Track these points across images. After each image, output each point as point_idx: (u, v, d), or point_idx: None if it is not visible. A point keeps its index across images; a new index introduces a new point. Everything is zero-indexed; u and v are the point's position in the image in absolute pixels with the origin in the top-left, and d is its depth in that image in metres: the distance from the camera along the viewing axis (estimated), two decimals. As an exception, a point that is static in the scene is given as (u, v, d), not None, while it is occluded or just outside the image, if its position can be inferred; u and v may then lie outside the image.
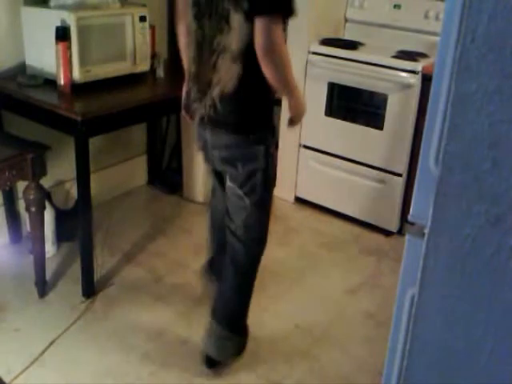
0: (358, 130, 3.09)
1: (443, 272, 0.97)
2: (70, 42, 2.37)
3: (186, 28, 1.94)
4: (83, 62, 2.44)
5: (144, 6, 2.74)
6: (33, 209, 2.32)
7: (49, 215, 2.60)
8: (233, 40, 1.76)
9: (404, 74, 2.86)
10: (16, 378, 2.03)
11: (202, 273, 2.42)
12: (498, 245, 0.90)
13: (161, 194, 3.49)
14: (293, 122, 2.01)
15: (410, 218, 1.07)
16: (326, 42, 3.16)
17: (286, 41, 2.06)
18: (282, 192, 3.41)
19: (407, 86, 2.85)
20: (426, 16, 3.12)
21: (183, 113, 2.12)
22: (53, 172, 2.65)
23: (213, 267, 2.33)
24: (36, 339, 2.21)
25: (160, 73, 2.82)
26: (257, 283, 2.12)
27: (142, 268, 2.72)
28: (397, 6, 3.22)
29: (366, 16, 3.32)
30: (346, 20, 3.42)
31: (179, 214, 3.28)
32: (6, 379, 2.01)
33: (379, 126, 3.00)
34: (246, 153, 1.91)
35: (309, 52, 3.14)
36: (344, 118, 3.13)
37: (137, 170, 3.51)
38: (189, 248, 2.92)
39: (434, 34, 3.00)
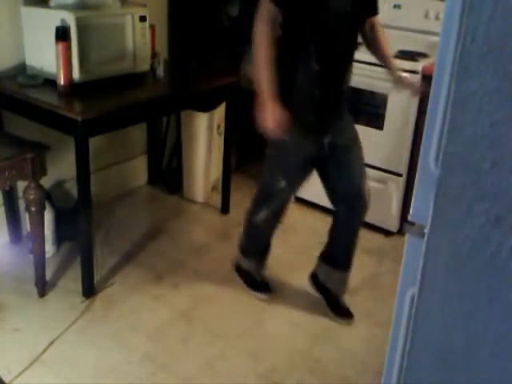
0: (358, 130, 3.07)
1: (443, 272, 0.97)
2: (70, 42, 2.37)
3: None
4: (83, 61, 2.44)
5: (144, 6, 2.74)
6: (33, 209, 2.32)
7: (49, 215, 2.60)
8: None
9: (404, 74, 2.85)
10: (16, 378, 2.03)
11: None
12: (498, 245, 0.90)
13: (161, 193, 3.49)
14: None
15: (410, 218, 1.07)
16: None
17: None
18: (282, 192, 3.40)
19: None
20: (426, 16, 3.12)
21: None
22: (53, 172, 2.65)
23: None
24: (36, 339, 2.21)
25: (160, 73, 2.82)
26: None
27: (142, 268, 2.72)
28: (397, 6, 3.22)
29: (366, 16, 3.31)
30: (346, 20, 3.42)
31: (179, 213, 3.28)
32: (5, 379, 2.01)
33: (379, 125, 3.00)
34: None
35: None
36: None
37: (137, 170, 3.51)
38: (189, 248, 2.92)
39: (434, 33, 2.99)
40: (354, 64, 2.98)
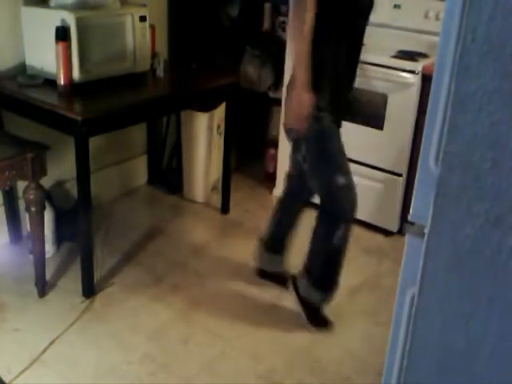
0: (358, 130, 3.09)
1: (443, 272, 0.97)
2: (70, 42, 2.37)
3: None
4: (83, 61, 2.44)
5: (144, 6, 2.74)
6: (33, 209, 2.32)
7: (49, 215, 2.60)
8: None
9: (404, 74, 2.86)
10: (16, 378, 2.03)
11: None
12: (498, 245, 0.90)
13: (161, 193, 3.49)
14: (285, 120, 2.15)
15: (410, 218, 1.07)
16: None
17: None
18: (282, 192, 3.41)
19: (407, 86, 2.85)
20: (426, 16, 3.12)
21: None
22: (53, 172, 2.65)
23: None
24: (36, 339, 2.21)
25: (160, 73, 2.82)
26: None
27: (142, 268, 2.72)
28: (397, 6, 3.22)
29: (366, 16, 3.31)
30: (346, 20, 3.42)
31: (179, 213, 3.28)
32: (5, 379, 2.01)
33: (379, 126, 3.00)
34: None
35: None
36: (344, 118, 3.12)
37: (137, 170, 3.51)
38: (189, 248, 2.92)
39: (434, 33, 2.99)
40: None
